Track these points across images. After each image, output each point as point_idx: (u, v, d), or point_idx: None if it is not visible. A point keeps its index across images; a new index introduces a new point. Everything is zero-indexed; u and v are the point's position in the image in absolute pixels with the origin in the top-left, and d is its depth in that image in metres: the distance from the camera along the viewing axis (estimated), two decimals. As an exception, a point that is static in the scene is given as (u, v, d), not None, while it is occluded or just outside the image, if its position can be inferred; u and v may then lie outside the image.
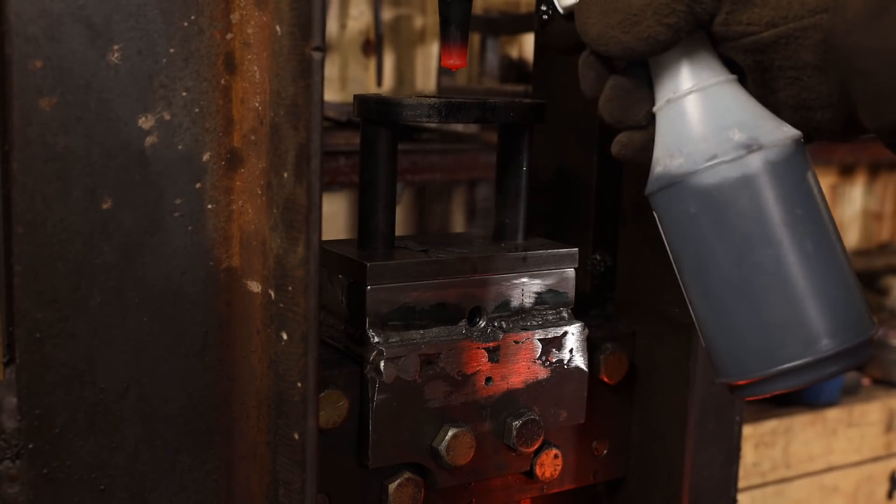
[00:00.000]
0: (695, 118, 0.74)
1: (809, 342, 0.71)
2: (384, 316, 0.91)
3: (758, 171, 0.71)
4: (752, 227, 0.71)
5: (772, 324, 0.72)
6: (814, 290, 0.71)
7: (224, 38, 0.80)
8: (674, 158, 0.74)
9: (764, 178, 0.71)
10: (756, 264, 0.71)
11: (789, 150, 0.73)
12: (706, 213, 0.72)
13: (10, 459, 0.78)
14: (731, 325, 0.73)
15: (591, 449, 1.07)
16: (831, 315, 0.71)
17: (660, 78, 0.77)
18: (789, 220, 0.71)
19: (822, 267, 0.72)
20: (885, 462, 2.89)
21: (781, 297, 0.71)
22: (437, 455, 0.93)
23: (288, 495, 0.80)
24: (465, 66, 0.94)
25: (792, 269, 0.71)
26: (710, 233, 0.73)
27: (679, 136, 0.74)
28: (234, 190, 0.82)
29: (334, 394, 0.87)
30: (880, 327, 3.11)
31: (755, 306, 0.72)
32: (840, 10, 0.70)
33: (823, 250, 0.72)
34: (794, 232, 0.71)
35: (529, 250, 1.00)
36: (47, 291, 0.76)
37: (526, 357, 0.97)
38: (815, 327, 0.71)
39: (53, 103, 0.74)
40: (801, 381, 0.72)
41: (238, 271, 0.83)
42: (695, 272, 0.75)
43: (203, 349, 0.83)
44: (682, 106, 0.75)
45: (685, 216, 0.74)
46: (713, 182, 0.72)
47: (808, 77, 0.73)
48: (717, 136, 0.72)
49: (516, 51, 3.15)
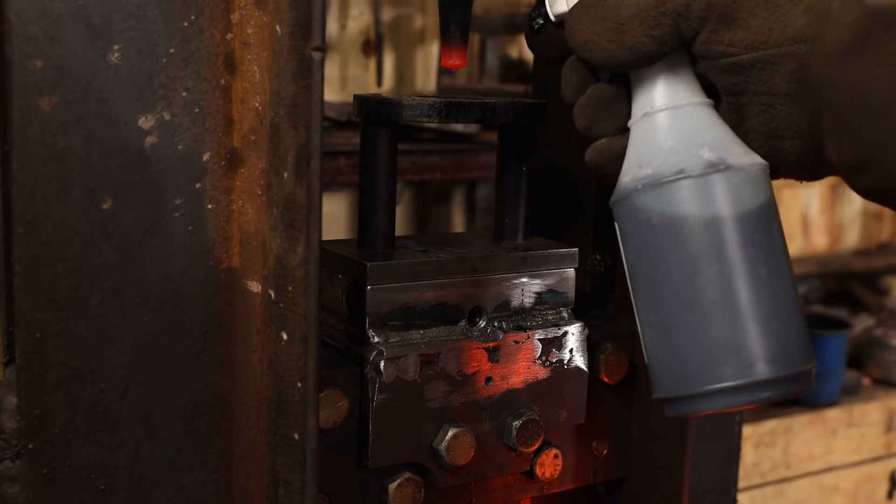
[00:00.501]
0: (667, 133, 0.76)
1: (746, 365, 0.72)
2: (384, 316, 0.91)
3: (722, 190, 0.73)
4: (708, 243, 0.73)
5: (713, 342, 0.73)
6: (759, 315, 0.72)
7: (224, 38, 0.80)
8: (642, 169, 0.75)
9: (727, 198, 0.73)
10: (707, 280, 0.73)
11: (755, 176, 0.74)
12: (666, 224, 0.74)
13: (10, 459, 0.78)
14: (675, 339, 0.75)
15: (591, 449, 1.07)
16: (772, 342, 0.72)
17: (639, 91, 0.78)
18: (746, 242, 0.73)
19: (770, 294, 0.73)
20: (885, 462, 2.90)
21: (726, 317, 0.72)
22: (437, 455, 0.93)
23: (288, 495, 0.80)
24: (465, 66, 0.94)
25: (741, 291, 0.72)
26: (668, 245, 0.74)
27: (650, 149, 0.76)
28: (234, 190, 0.82)
29: (334, 394, 0.87)
30: (880, 327, 3.11)
31: (700, 322, 0.73)
32: (818, 42, 0.71)
33: (775, 279, 0.73)
34: (748, 255, 0.73)
35: (529, 250, 1.00)
36: (47, 291, 0.76)
37: (526, 357, 0.97)
38: (753, 351, 0.72)
39: (53, 103, 0.74)
40: (733, 402, 0.73)
41: (238, 271, 0.83)
42: (647, 283, 0.76)
43: (203, 349, 0.83)
44: (657, 120, 0.76)
45: (646, 226, 0.75)
46: (677, 195, 0.73)
47: (779, 105, 0.74)
48: (687, 151, 0.74)
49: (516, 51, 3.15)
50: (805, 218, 3.69)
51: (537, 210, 1.11)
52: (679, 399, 0.76)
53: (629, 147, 0.78)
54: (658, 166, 0.74)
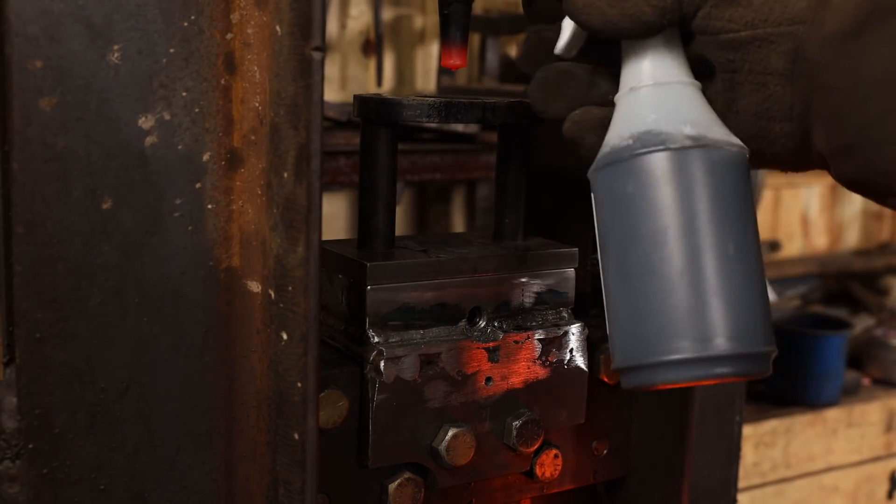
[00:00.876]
0: (652, 107, 0.77)
1: (705, 338, 0.72)
2: (384, 316, 0.91)
3: (700, 164, 0.74)
4: (679, 215, 0.74)
5: (674, 312, 0.73)
6: (723, 291, 0.73)
7: (224, 38, 0.80)
8: (623, 140, 0.76)
9: (703, 173, 0.74)
10: (674, 251, 0.73)
11: (734, 157, 0.75)
12: (642, 194, 0.75)
13: (10, 459, 0.78)
14: (638, 307, 0.75)
15: (591, 449, 1.07)
16: (733, 318, 0.73)
17: (628, 66, 0.79)
18: (718, 218, 0.74)
19: (737, 272, 0.73)
20: (885, 462, 2.90)
21: (690, 289, 0.73)
22: (437, 455, 0.93)
23: (288, 495, 0.80)
24: (465, 66, 0.94)
25: (707, 264, 0.73)
26: (641, 214, 0.75)
27: (633, 121, 0.76)
28: (234, 190, 0.82)
29: (334, 394, 0.87)
30: (880, 327, 3.12)
31: (664, 292, 0.73)
32: (818, 24, 0.72)
33: (742, 258, 0.74)
34: (719, 230, 0.73)
35: (529, 250, 1.00)
36: (47, 291, 0.76)
37: (526, 357, 0.97)
38: (713, 325, 0.72)
39: (53, 103, 0.74)
40: (689, 375, 0.74)
41: (238, 271, 0.83)
42: (616, 251, 0.77)
43: (203, 349, 0.83)
44: (643, 94, 0.77)
45: (622, 195, 0.76)
46: (655, 166, 0.74)
47: (773, 85, 0.75)
48: (669, 125, 0.75)
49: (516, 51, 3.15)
50: (805, 218, 3.69)
51: (537, 210, 1.11)
52: (637, 368, 0.76)
53: (613, 121, 0.79)
54: (639, 137, 0.75)
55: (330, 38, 2.93)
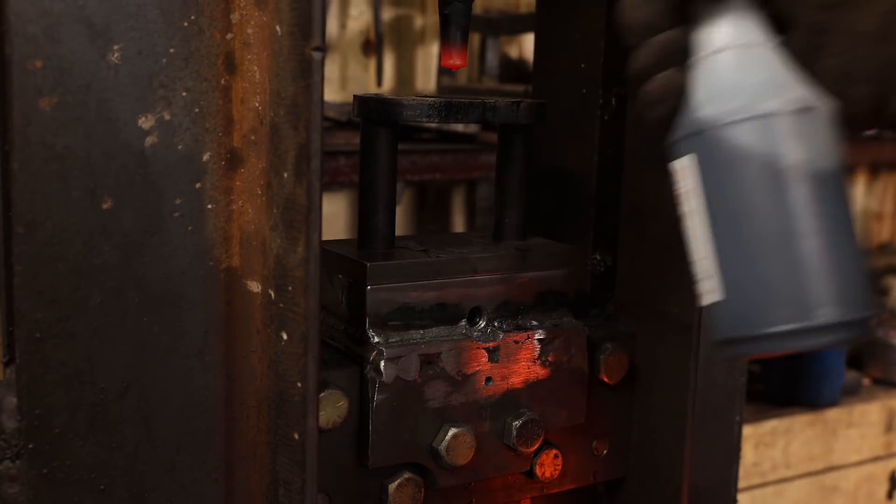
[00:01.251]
0: (749, 71, 0.75)
1: (828, 304, 0.72)
2: (384, 316, 0.91)
3: (813, 128, 0.73)
4: (799, 177, 0.72)
5: (792, 280, 0.72)
6: (838, 257, 0.72)
7: (224, 38, 0.80)
8: (730, 102, 0.74)
9: (818, 137, 0.73)
10: (796, 216, 0.72)
11: (832, 116, 0.74)
12: (757, 157, 0.73)
13: (10, 459, 0.78)
14: (752, 276, 0.73)
15: (591, 449, 1.07)
16: (845, 285, 0.72)
17: (710, 26, 0.77)
18: (830, 178, 0.73)
19: (849, 238, 0.73)
20: (885, 462, 2.89)
21: (810, 256, 0.72)
22: (437, 455, 0.93)
23: (288, 495, 0.80)
24: (465, 66, 0.94)
25: (826, 230, 0.72)
26: (756, 178, 0.73)
27: (735, 84, 0.75)
28: (234, 190, 0.82)
29: (334, 394, 0.87)
30: (880, 328, 3.11)
31: (785, 259, 0.72)
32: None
33: (851, 222, 0.73)
34: (831, 194, 0.72)
35: (529, 250, 1.00)
36: (47, 291, 0.76)
37: (526, 357, 0.97)
38: (830, 293, 0.72)
39: (53, 103, 0.74)
40: (798, 344, 0.72)
41: (238, 271, 0.83)
42: (729, 217, 0.74)
43: (203, 349, 0.83)
44: (735, 57, 0.76)
45: (736, 158, 0.74)
46: (773, 130, 0.72)
47: (863, 46, 0.73)
48: (774, 89, 0.74)
49: (516, 51, 3.15)
50: (805, 218, 3.68)
51: (537, 210, 1.11)
52: (750, 339, 0.74)
53: (702, 81, 0.76)
54: (750, 98, 0.73)
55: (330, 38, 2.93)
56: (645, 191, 1.06)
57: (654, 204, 1.04)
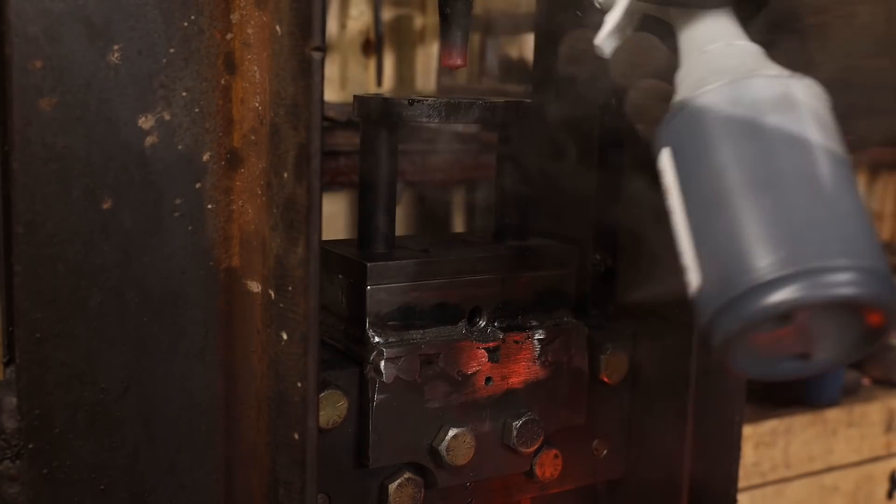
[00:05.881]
0: (733, 57, 0.73)
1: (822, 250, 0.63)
2: (384, 316, 0.91)
3: (800, 91, 0.69)
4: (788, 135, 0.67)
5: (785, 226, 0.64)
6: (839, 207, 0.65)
7: (224, 38, 0.80)
8: (705, 80, 0.70)
9: (804, 98, 0.69)
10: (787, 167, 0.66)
11: (824, 92, 0.70)
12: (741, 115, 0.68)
13: (10, 459, 0.78)
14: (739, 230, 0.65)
15: (591, 449, 1.07)
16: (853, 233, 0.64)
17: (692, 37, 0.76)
18: (825, 139, 0.67)
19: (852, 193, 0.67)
20: (885, 462, 2.89)
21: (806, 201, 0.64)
22: (437, 455, 0.93)
23: (288, 495, 0.80)
24: (465, 66, 0.94)
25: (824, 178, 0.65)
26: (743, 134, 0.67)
27: (714, 68, 0.72)
28: (234, 190, 0.82)
29: (334, 394, 0.87)
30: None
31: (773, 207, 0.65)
32: None
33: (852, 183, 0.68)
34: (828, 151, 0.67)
35: (529, 250, 1.00)
36: (47, 291, 0.76)
37: (526, 357, 0.97)
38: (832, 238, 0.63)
39: (53, 103, 0.74)
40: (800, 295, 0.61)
41: (238, 271, 0.83)
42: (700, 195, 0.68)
43: (203, 349, 0.83)
44: (718, 51, 0.74)
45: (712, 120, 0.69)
46: (756, 87, 0.68)
47: (864, 13, 0.71)
48: (758, 63, 0.71)
49: (516, 51, 3.15)
50: (805, 218, 3.68)
51: (537, 210, 1.11)
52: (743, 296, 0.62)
53: (683, 83, 0.74)
54: (726, 72, 0.70)
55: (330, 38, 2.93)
56: (645, 190, 1.06)
57: (655, 203, 1.04)
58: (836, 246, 0.62)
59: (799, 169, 0.66)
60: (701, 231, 0.68)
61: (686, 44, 0.77)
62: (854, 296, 0.61)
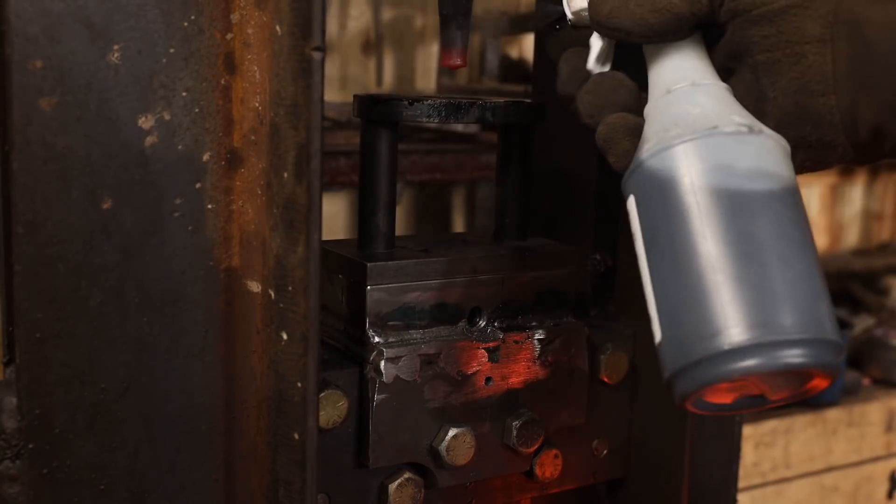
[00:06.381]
0: (695, 102, 0.74)
1: (772, 322, 0.66)
2: (384, 316, 0.91)
3: (756, 149, 0.71)
4: (741, 197, 0.69)
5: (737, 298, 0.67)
6: (790, 276, 0.68)
7: (224, 38, 0.80)
8: (669, 131, 0.73)
9: (760, 157, 0.71)
10: (737, 234, 0.68)
11: (784, 148, 0.73)
12: (697, 179, 0.70)
13: (10, 459, 0.78)
14: (696, 298, 0.68)
15: (591, 449, 1.07)
16: (801, 303, 0.68)
17: (659, 72, 0.78)
18: (778, 203, 0.70)
19: (802, 259, 0.69)
20: (885, 462, 2.89)
21: (755, 272, 0.67)
22: (437, 455, 0.93)
23: (288, 495, 0.80)
24: (465, 66, 0.94)
25: (771, 248, 0.68)
26: (698, 198, 0.70)
27: (676, 116, 0.74)
28: (234, 190, 0.82)
29: (334, 394, 0.87)
30: (880, 327, 3.11)
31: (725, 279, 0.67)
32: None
33: (806, 246, 0.70)
34: (780, 217, 0.69)
35: (529, 250, 1.00)
36: (47, 291, 0.76)
37: (526, 357, 0.97)
38: (782, 308, 0.67)
39: (53, 103, 0.74)
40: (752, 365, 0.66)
41: (238, 271, 0.83)
42: (670, 242, 0.71)
43: (203, 349, 0.83)
44: (682, 94, 0.75)
45: (673, 182, 0.71)
46: (711, 149, 0.71)
47: (812, 54, 0.73)
48: (718, 115, 0.73)
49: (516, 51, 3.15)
50: (805, 218, 3.68)
51: (537, 210, 1.11)
52: (695, 364, 0.68)
53: (650, 121, 0.76)
54: (689, 125, 0.72)
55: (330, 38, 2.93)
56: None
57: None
58: (789, 318, 0.67)
59: (756, 235, 0.69)
60: (661, 287, 0.72)
61: (653, 77, 0.79)
62: (802, 365, 0.67)
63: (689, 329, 0.69)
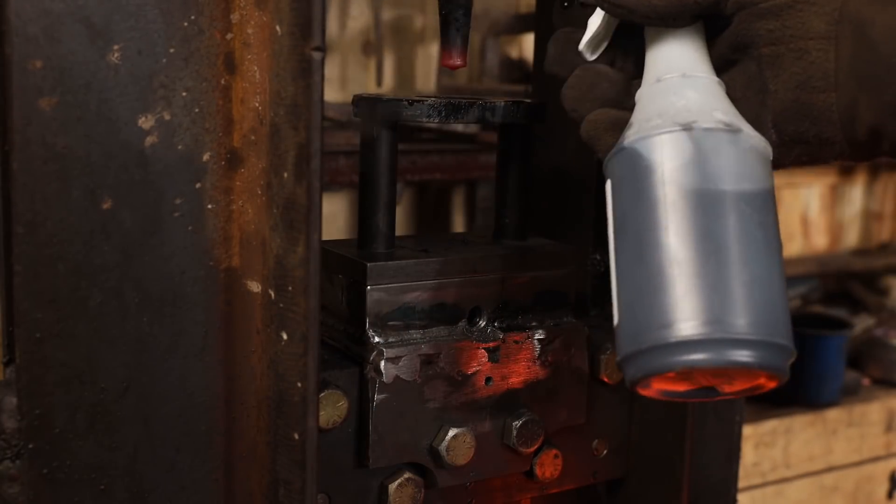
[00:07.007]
0: (680, 94, 0.75)
1: (723, 319, 0.68)
2: (384, 316, 0.91)
3: (731, 148, 0.72)
4: (708, 193, 0.70)
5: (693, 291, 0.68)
6: (749, 276, 0.69)
7: (224, 38, 0.80)
8: (650, 121, 0.74)
9: (733, 156, 0.72)
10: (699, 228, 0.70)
11: (762, 149, 0.74)
12: (668, 170, 0.72)
13: (10, 459, 0.78)
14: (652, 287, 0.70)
15: (591, 449, 1.07)
16: (755, 304, 0.69)
17: (654, 59, 0.78)
18: (745, 203, 0.71)
19: (763, 261, 0.70)
20: (885, 462, 2.89)
21: (713, 268, 0.69)
22: (437, 455, 0.93)
23: (288, 495, 0.80)
24: (465, 66, 0.94)
25: (733, 247, 0.69)
26: (665, 189, 0.71)
27: (660, 107, 0.75)
28: (234, 190, 0.82)
29: (334, 394, 0.87)
30: (880, 327, 3.11)
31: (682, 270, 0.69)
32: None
33: (769, 250, 0.71)
34: (746, 216, 0.70)
35: (529, 250, 1.00)
36: (47, 291, 0.76)
37: (526, 357, 0.97)
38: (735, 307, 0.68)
39: (53, 103, 0.74)
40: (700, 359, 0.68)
41: (238, 271, 0.83)
42: (635, 229, 0.72)
43: (203, 349, 0.83)
44: (671, 83, 0.76)
45: (646, 171, 0.72)
46: (685, 143, 0.72)
47: (815, 50, 0.73)
48: (700, 110, 0.74)
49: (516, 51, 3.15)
50: (805, 218, 3.69)
51: (537, 210, 1.11)
52: (645, 352, 0.70)
53: (637, 110, 0.76)
54: (669, 118, 0.73)
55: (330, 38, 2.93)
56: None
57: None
58: (741, 318, 0.68)
59: (718, 234, 0.70)
60: (623, 273, 0.73)
61: (649, 64, 0.79)
62: (748, 364, 0.68)
63: (644, 317, 0.70)
